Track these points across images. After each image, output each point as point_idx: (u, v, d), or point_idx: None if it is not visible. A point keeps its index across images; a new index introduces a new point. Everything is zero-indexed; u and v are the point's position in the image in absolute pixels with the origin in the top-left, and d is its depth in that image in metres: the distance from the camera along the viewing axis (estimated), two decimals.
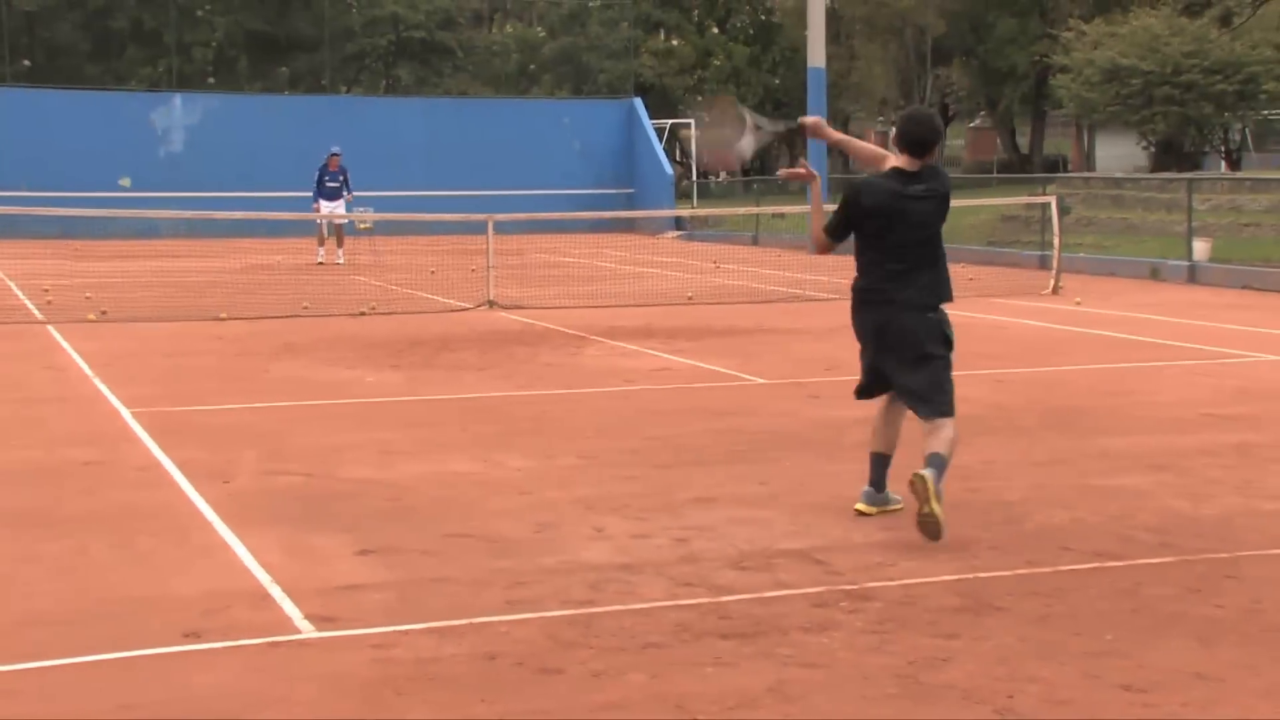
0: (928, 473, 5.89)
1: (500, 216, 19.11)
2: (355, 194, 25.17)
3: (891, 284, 6.30)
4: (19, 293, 18.53)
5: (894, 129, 6.61)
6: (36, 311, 16.06)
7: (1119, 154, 44.48)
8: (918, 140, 6.28)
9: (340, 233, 24.51)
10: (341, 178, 24.65)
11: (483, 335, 13.81)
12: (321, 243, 24.47)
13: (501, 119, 39.31)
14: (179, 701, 4.25)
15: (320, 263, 23.93)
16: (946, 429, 6.18)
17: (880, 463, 6.47)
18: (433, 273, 21.83)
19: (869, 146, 6.83)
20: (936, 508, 5.83)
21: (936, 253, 6.36)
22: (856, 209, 6.36)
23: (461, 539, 6.07)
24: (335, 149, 24.97)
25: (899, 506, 6.47)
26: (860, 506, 6.45)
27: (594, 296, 18.09)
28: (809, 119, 6.94)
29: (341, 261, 24.09)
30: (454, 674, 4.45)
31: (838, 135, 6.95)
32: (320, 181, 24.68)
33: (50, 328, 14.43)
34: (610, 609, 5.08)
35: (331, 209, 24.28)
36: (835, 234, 6.52)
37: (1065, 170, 46.03)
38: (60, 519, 6.49)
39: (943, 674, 4.43)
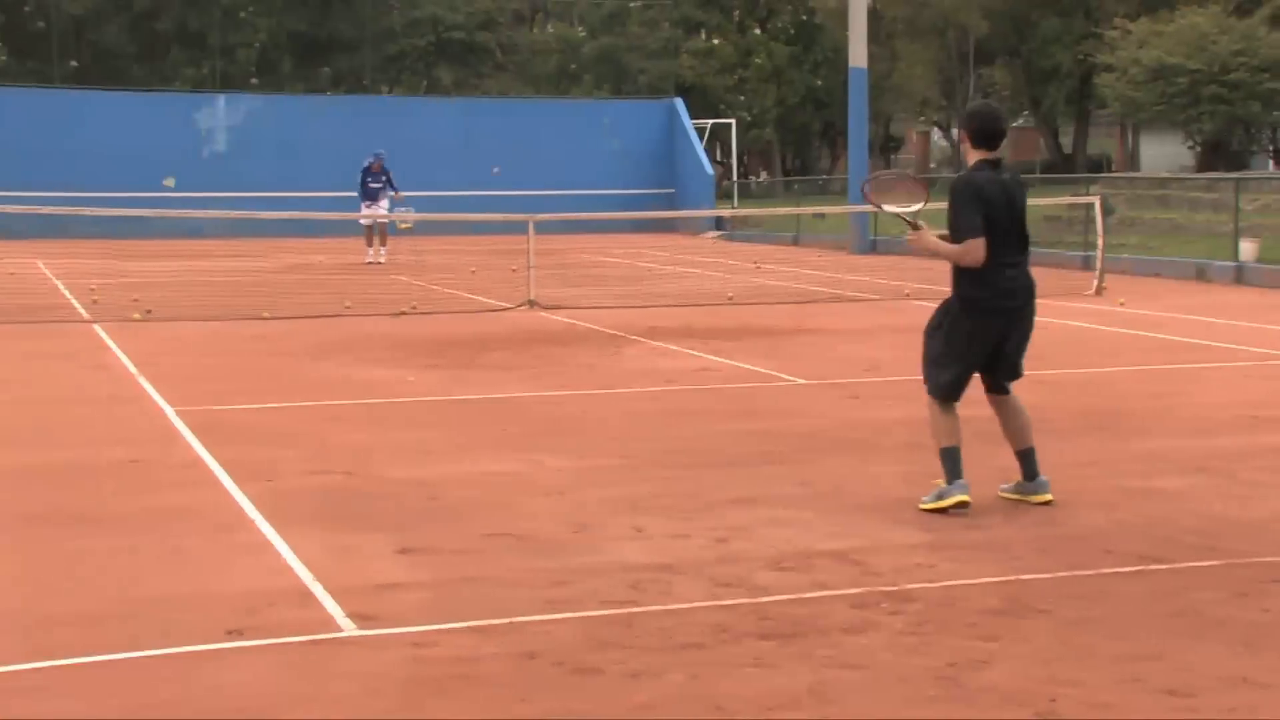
0: (1048, 494, 6.62)
1: (541, 217, 19.18)
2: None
3: (1011, 275, 6.53)
4: (66, 292, 18.73)
5: (964, 126, 6.69)
6: (83, 311, 16.22)
7: (1164, 153, 44.07)
8: (995, 133, 6.63)
9: (383, 231, 24.84)
10: (384, 178, 24.96)
11: (523, 335, 13.85)
12: (370, 243, 24.80)
13: (542, 119, 39.41)
14: (221, 698, 4.28)
15: (369, 262, 24.26)
16: (1022, 408, 6.71)
17: (959, 454, 6.50)
18: (473, 272, 21.92)
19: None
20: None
21: (1028, 236, 6.69)
22: (983, 201, 6.41)
23: (501, 539, 6.09)
24: (380, 151, 25.35)
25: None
26: (965, 497, 6.42)
27: (634, 297, 18.11)
28: (916, 240, 6.74)
29: (383, 260, 24.37)
30: (493, 673, 4.46)
31: (934, 244, 6.74)
32: (363, 183, 25.00)
33: (96, 327, 14.58)
34: (649, 609, 5.08)
35: (374, 209, 24.58)
36: (978, 229, 6.39)
37: (1109, 170, 45.66)
38: (105, 517, 6.56)
39: (983, 676, 4.40)
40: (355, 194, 25.35)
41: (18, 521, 6.47)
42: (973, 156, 6.59)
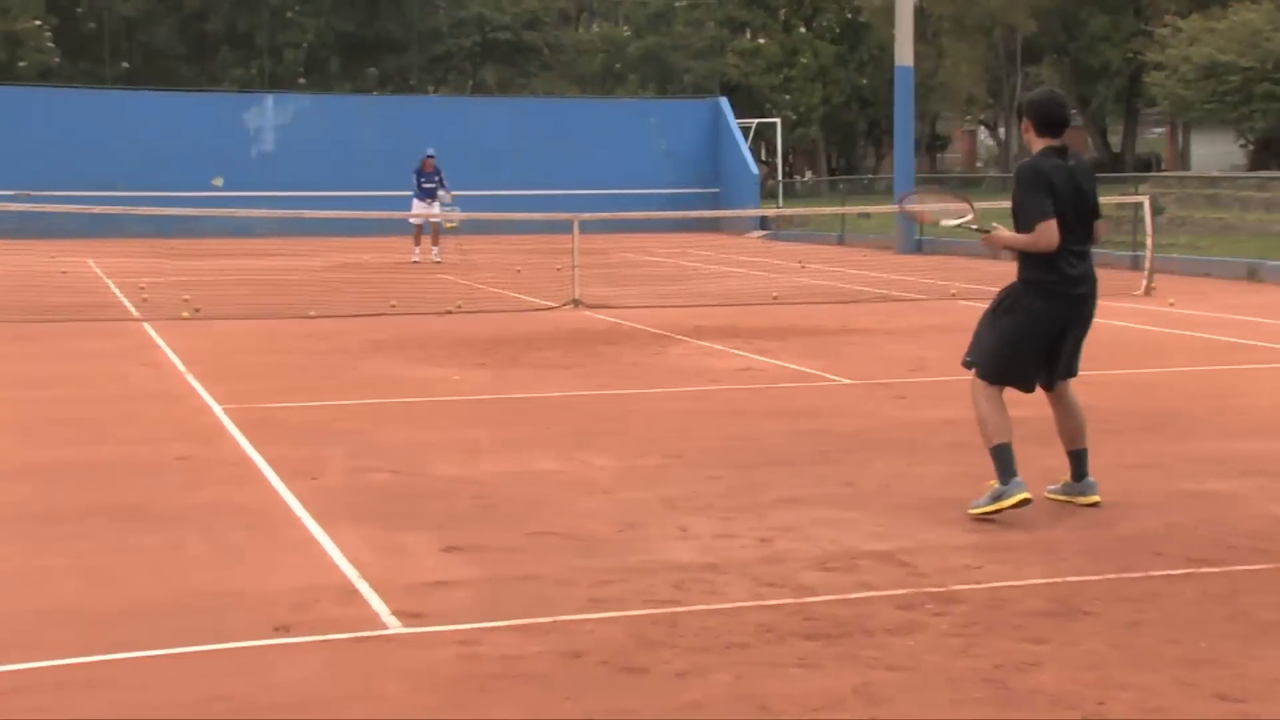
0: (1096, 495, 6.58)
1: (586, 216, 19.18)
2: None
3: (1076, 266, 6.46)
4: (116, 290, 18.93)
5: (1027, 114, 6.60)
6: (133, 309, 16.39)
7: (1215, 152, 43.58)
8: (1061, 120, 6.57)
9: (435, 230, 25.02)
10: (437, 178, 25.12)
11: (568, 334, 13.87)
12: (417, 241, 24.96)
13: (587, 119, 39.47)
14: (268, 694, 4.31)
15: (415, 261, 24.39)
16: (1079, 408, 6.68)
17: (1011, 451, 6.38)
18: (519, 271, 21.98)
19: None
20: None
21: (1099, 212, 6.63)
22: (1049, 185, 6.37)
23: (546, 537, 6.10)
24: (430, 151, 25.51)
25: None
26: (1027, 495, 6.28)
27: (679, 296, 18.10)
28: (991, 240, 6.68)
29: (439, 259, 24.53)
30: (538, 672, 4.47)
31: (1007, 238, 6.64)
32: (418, 184, 25.18)
33: (146, 325, 14.73)
34: (694, 609, 5.08)
35: (426, 208, 24.74)
36: (1048, 212, 6.32)
37: (1158, 169, 45.21)
38: (155, 513, 6.62)
39: (1031, 679, 4.37)
40: (405, 193, 25.51)
41: (66, 516, 6.54)
42: (1037, 145, 6.52)
